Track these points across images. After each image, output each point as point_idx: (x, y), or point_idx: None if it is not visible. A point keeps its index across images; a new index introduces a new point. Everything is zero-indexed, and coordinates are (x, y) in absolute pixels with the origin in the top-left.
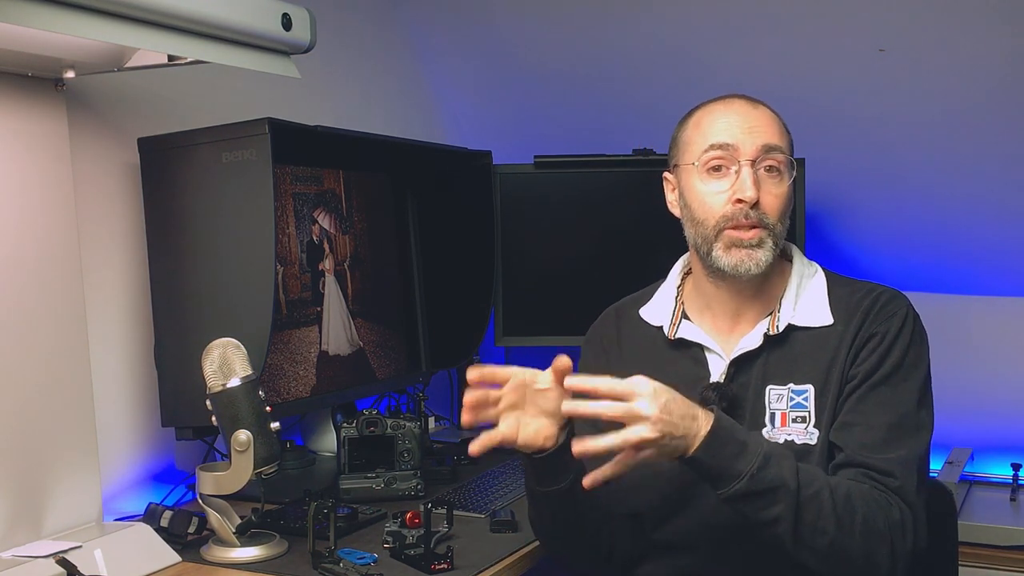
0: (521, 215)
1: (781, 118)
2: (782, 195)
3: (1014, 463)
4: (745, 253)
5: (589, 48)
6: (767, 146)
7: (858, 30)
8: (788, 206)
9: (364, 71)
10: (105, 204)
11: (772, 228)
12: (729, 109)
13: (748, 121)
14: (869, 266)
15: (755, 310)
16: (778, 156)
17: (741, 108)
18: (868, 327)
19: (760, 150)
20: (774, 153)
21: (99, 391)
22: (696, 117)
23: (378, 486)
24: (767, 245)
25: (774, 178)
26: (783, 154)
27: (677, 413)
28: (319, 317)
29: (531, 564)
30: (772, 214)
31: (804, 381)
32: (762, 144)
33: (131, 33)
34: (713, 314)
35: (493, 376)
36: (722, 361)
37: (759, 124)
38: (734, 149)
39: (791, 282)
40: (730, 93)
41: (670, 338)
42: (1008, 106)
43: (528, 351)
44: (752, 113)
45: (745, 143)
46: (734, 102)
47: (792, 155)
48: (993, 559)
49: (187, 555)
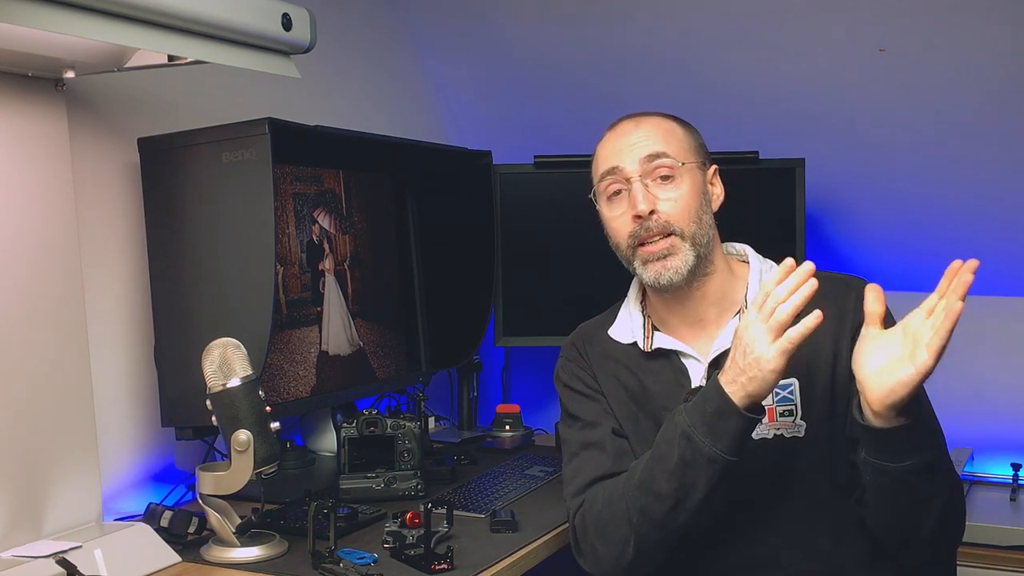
0: (521, 215)
1: (676, 120)
2: (680, 197)
3: (1014, 463)
4: (660, 265)
5: (589, 48)
6: (649, 156)
7: (858, 30)
8: (695, 205)
9: (364, 71)
10: (105, 204)
11: (682, 233)
12: (614, 134)
13: (629, 139)
14: (869, 266)
15: (716, 312)
16: (664, 162)
17: (624, 129)
18: (852, 315)
19: (643, 162)
20: (660, 160)
21: (99, 391)
22: (595, 149)
23: (378, 486)
24: (680, 251)
25: (667, 184)
26: (668, 158)
27: None
28: (319, 317)
29: (531, 564)
30: (676, 218)
31: (787, 375)
32: (643, 156)
33: (131, 33)
34: (675, 324)
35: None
36: (700, 365)
37: (639, 139)
38: (620, 171)
39: (751, 279)
40: (621, 116)
41: (646, 350)
42: (1008, 106)
43: (528, 351)
44: (634, 132)
45: (627, 162)
46: (620, 125)
47: (694, 153)
48: (993, 559)
49: (187, 555)
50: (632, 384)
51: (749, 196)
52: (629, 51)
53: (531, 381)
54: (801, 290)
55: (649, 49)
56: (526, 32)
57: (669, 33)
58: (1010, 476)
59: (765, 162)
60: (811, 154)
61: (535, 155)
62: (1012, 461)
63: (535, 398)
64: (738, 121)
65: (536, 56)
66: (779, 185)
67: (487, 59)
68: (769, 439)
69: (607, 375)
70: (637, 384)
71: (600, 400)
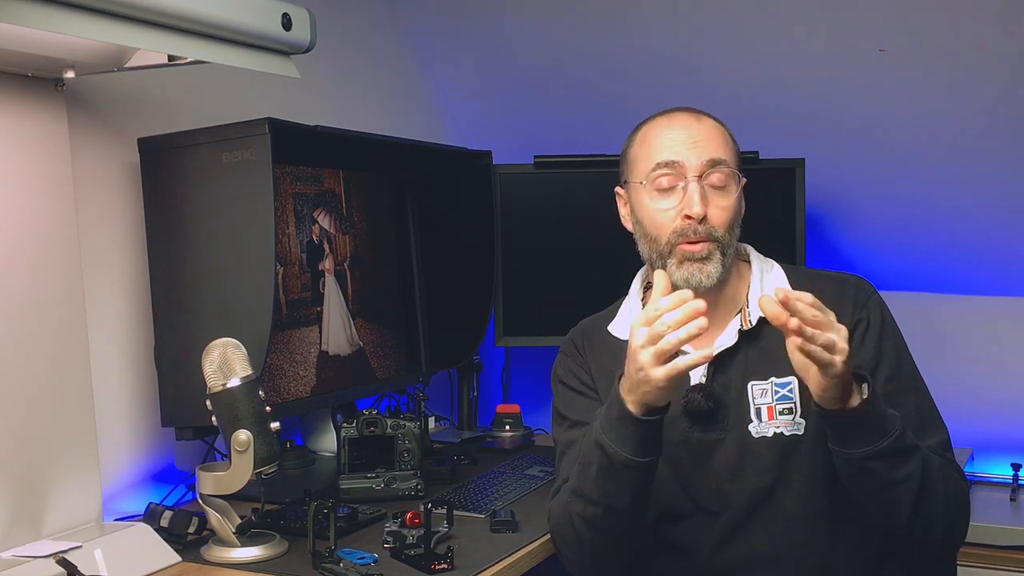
0: (521, 215)
1: (726, 128)
2: (729, 207)
3: (1014, 463)
4: (696, 267)
5: (589, 48)
6: (712, 160)
7: (858, 30)
8: (737, 217)
9: (364, 71)
10: (105, 204)
11: (721, 240)
12: (673, 124)
13: (692, 136)
14: (869, 266)
15: (720, 312)
16: (724, 169)
17: (685, 122)
18: (851, 314)
19: (706, 165)
20: (720, 167)
21: (99, 391)
22: (642, 133)
23: (378, 486)
24: (715, 258)
25: (721, 191)
26: (729, 167)
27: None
28: (319, 317)
29: (531, 564)
30: (721, 227)
31: (785, 373)
32: (707, 159)
33: (131, 33)
34: None
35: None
36: None
37: (703, 138)
38: (680, 166)
39: (753, 278)
40: (675, 107)
41: None
42: (1008, 106)
43: (528, 351)
44: (696, 127)
45: (690, 159)
46: (678, 116)
47: (739, 165)
48: (993, 559)
49: (187, 555)
50: None
51: (749, 196)
52: (629, 51)
53: (531, 381)
54: (688, 327)
55: (649, 49)
56: (526, 32)
57: (669, 34)
58: (1010, 476)
59: (765, 162)
60: (811, 154)
61: (535, 155)
62: (1012, 461)
63: (535, 398)
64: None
65: (536, 56)
66: (779, 185)
67: (487, 59)
68: (769, 437)
69: (604, 371)
70: None
71: (592, 398)
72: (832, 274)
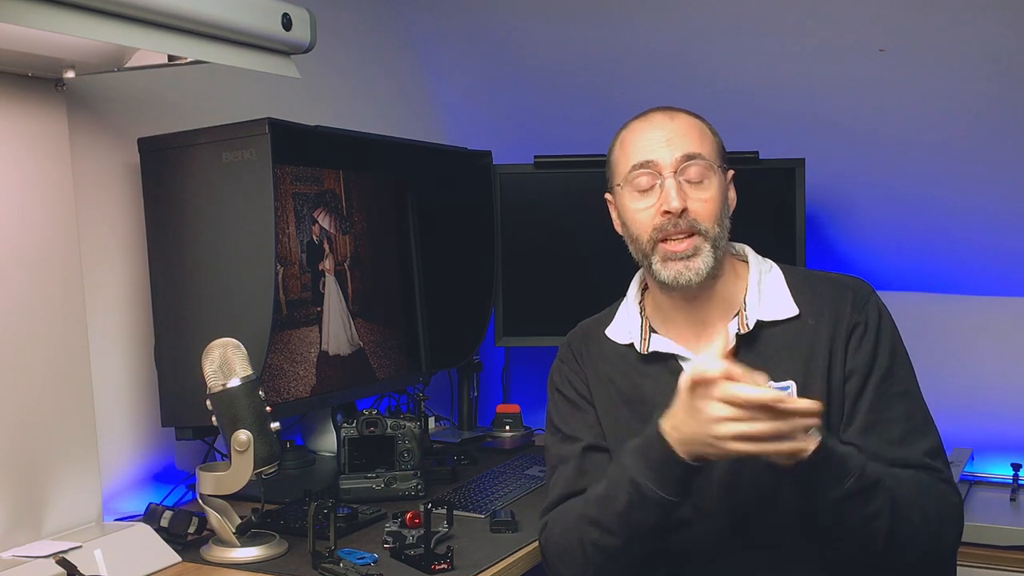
0: (521, 215)
1: (704, 122)
2: (711, 199)
3: (1014, 463)
4: (682, 265)
5: (589, 48)
6: (687, 155)
7: (858, 30)
8: (721, 208)
9: (364, 71)
10: (105, 204)
11: (707, 233)
12: (648, 125)
13: (666, 134)
14: (869, 266)
15: (718, 314)
16: (700, 162)
17: (659, 121)
18: (849, 318)
19: (680, 160)
20: (695, 160)
21: (99, 391)
22: (621, 137)
23: (378, 486)
24: (704, 251)
25: (699, 184)
26: (705, 159)
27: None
28: (319, 317)
29: (531, 564)
30: (705, 219)
31: (784, 378)
32: (681, 154)
33: (131, 33)
34: (677, 325)
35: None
36: None
37: (676, 135)
38: (655, 164)
39: (751, 280)
40: (651, 108)
41: (643, 352)
42: (1008, 106)
43: (528, 351)
44: (669, 125)
45: (664, 156)
46: (652, 116)
47: (721, 157)
48: (993, 559)
49: (187, 555)
50: (626, 387)
51: (749, 196)
52: (629, 51)
53: (531, 381)
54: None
55: (649, 49)
56: (526, 32)
57: (669, 33)
58: (1010, 476)
59: (765, 162)
60: (811, 154)
61: (535, 155)
62: (1012, 461)
63: (535, 398)
64: (738, 121)
65: (536, 56)
66: (779, 185)
67: (487, 59)
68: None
69: (601, 378)
70: (632, 387)
71: (587, 410)
72: (831, 276)
